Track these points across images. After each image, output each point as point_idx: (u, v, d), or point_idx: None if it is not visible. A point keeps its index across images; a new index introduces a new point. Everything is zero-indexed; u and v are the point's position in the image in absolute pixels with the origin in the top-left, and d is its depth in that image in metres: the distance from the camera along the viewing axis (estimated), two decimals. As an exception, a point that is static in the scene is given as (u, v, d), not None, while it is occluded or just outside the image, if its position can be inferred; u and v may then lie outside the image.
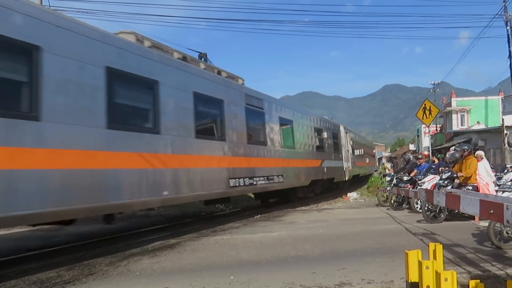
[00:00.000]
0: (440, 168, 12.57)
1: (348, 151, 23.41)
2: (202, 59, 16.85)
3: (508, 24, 23.07)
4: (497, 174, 11.65)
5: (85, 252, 7.36)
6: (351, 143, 25.29)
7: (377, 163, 48.30)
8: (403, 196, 12.79)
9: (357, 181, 28.10)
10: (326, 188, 20.34)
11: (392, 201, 13.35)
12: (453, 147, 11.03)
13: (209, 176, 9.68)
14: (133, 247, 7.74)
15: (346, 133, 24.11)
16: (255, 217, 12.29)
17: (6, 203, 5.25)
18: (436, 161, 13.64)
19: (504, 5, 23.23)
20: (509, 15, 23.05)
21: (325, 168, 18.49)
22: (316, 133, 17.83)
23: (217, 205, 14.63)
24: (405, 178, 13.61)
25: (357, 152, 28.00)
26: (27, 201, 5.52)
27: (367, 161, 33.97)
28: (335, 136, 21.19)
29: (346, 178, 22.41)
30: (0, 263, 6.71)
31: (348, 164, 22.77)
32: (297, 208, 14.93)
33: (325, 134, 19.10)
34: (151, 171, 7.80)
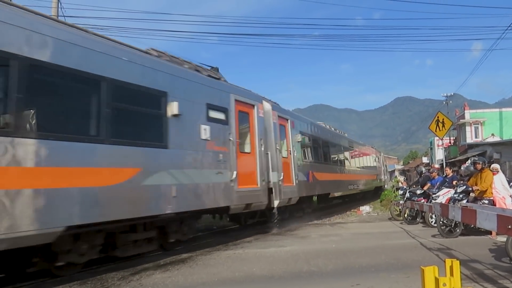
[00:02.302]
0: (454, 182, 12.38)
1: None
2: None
3: (521, 35, 22.88)
4: None
5: (98, 266, 7.37)
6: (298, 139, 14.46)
7: (387, 176, 41.75)
8: (417, 210, 12.60)
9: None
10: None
11: (405, 215, 13.16)
12: (469, 160, 10.87)
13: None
14: (145, 261, 7.73)
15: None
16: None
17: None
18: (450, 174, 13.41)
19: (517, 16, 23.07)
20: (522, 27, 22.87)
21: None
22: None
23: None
24: (418, 192, 13.42)
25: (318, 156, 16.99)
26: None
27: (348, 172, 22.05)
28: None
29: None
30: (12, 277, 6.75)
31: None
32: (310, 222, 14.80)
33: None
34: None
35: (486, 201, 9.33)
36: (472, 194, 9.88)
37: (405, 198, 13.74)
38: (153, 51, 8.80)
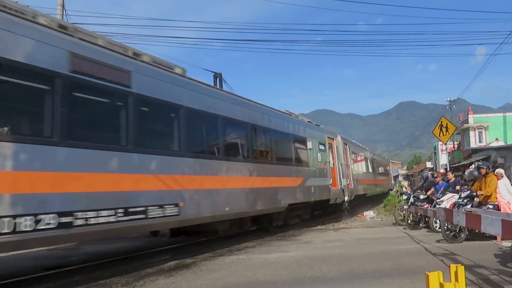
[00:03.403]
0: (457, 186, 12.34)
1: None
2: (217, 79, 17.11)
3: (525, 40, 22.84)
4: None
5: (102, 272, 7.39)
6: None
7: (392, 181, 47.17)
8: (420, 215, 12.55)
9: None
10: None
11: (409, 220, 13.10)
12: (473, 165, 10.84)
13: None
14: (148, 266, 7.74)
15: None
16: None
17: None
18: (452, 178, 13.38)
19: (520, 21, 23.07)
20: (525, 31, 22.84)
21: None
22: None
23: None
24: (422, 197, 13.37)
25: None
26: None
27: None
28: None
29: None
30: (18, 283, 6.78)
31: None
32: (313, 228, 14.76)
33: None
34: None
35: (491, 206, 9.28)
36: (476, 199, 9.83)
37: (409, 203, 13.68)
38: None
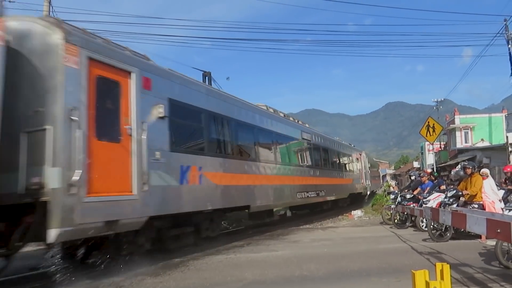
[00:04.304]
0: (441, 186, 12.52)
1: None
2: (207, 77, 17.06)
3: (510, 42, 23.22)
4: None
5: (88, 272, 7.30)
6: None
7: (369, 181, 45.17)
8: (407, 214, 12.69)
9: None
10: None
11: (395, 220, 13.22)
12: (459, 165, 10.99)
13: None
14: (136, 266, 7.67)
15: None
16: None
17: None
18: (426, 181, 13.66)
19: (505, 24, 23.45)
20: (510, 34, 23.21)
21: None
22: None
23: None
24: (408, 196, 13.52)
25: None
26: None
27: None
28: None
29: None
30: (2, 283, 6.66)
31: None
32: (301, 227, 14.81)
33: None
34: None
35: (476, 206, 9.42)
36: (462, 199, 9.97)
37: (396, 203, 13.82)
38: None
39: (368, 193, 29.11)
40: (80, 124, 6.05)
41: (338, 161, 21.97)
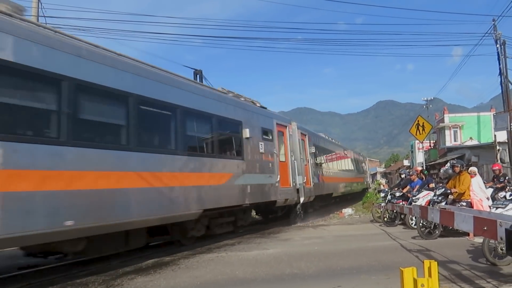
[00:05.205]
0: (430, 184, 12.67)
1: None
2: (198, 76, 17.00)
3: (498, 42, 23.49)
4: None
5: (78, 271, 7.26)
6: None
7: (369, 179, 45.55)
8: (396, 212, 12.81)
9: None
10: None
11: (385, 218, 13.33)
12: (448, 163, 11.12)
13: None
14: (126, 265, 7.65)
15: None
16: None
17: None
18: (423, 178, 13.82)
19: (494, 24, 23.71)
20: (499, 34, 23.49)
21: None
22: None
23: None
24: (397, 194, 13.64)
25: None
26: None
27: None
28: None
29: None
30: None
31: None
32: (292, 225, 14.86)
33: None
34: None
35: (464, 203, 9.55)
36: (450, 197, 10.09)
37: (386, 201, 13.94)
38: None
39: (304, 200, 16.10)
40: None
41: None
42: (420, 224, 9.70)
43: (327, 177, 20.29)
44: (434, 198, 10.38)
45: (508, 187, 10.98)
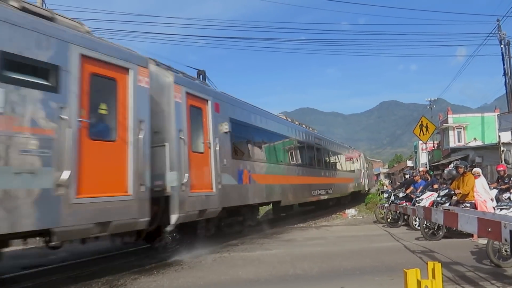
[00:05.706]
0: (434, 185, 12.62)
1: None
2: (201, 76, 17.02)
3: (502, 42, 23.42)
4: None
5: (81, 271, 7.28)
6: None
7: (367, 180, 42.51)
8: (399, 213, 12.77)
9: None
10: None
11: (388, 219, 13.29)
12: (452, 164, 11.08)
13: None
14: (129, 265, 7.66)
15: None
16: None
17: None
18: (429, 178, 13.76)
19: (498, 24, 23.63)
20: (503, 34, 23.42)
21: None
22: None
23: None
24: (401, 195, 13.61)
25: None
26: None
27: None
28: None
29: None
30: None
31: None
32: (295, 225, 14.85)
33: None
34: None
35: (468, 205, 9.50)
36: (454, 198, 10.05)
37: (389, 201, 13.90)
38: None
39: (177, 218, 8.48)
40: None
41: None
42: (424, 225, 9.66)
43: (267, 175, 12.90)
44: (438, 199, 10.34)
45: (512, 188, 10.92)
